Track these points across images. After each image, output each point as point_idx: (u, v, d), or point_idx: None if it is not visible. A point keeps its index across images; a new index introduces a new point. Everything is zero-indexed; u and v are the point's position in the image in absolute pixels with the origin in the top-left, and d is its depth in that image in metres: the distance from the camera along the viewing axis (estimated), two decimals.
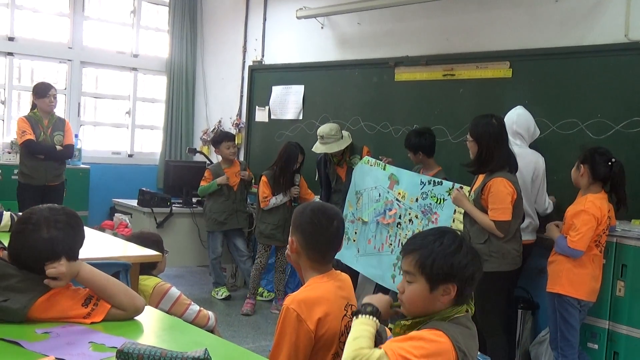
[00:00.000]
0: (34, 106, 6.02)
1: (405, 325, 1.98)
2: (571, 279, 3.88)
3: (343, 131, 5.66)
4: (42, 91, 5.96)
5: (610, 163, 3.87)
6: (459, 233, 2.02)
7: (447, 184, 4.54)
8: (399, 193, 4.85)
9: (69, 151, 6.15)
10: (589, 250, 3.87)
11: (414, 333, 1.90)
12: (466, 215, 4.12)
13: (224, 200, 6.26)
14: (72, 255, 2.23)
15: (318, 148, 5.60)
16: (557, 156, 4.54)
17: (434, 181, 4.63)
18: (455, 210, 4.43)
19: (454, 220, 4.46)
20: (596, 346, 4.09)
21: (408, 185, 4.81)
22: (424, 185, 4.67)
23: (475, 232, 4.02)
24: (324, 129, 5.56)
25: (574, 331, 3.92)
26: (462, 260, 1.92)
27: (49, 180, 5.99)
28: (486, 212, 3.95)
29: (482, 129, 4.01)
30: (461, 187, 4.36)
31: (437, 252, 1.93)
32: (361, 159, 5.35)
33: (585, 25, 4.64)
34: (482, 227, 3.97)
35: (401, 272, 2.05)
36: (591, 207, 3.84)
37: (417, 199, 4.71)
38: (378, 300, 2.05)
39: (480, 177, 4.08)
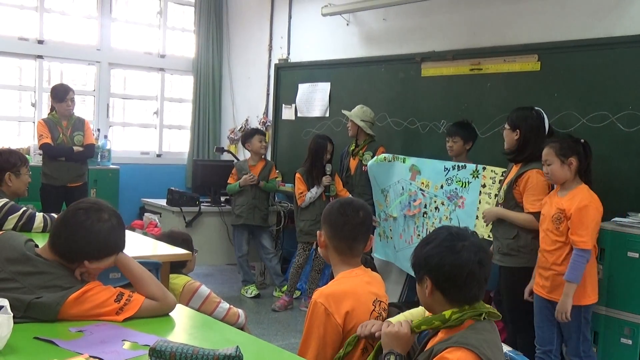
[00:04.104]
0: (52, 108, 6.03)
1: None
2: (593, 284, 3.69)
3: (374, 123, 5.74)
4: (60, 95, 5.93)
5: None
6: (452, 229, 2.04)
7: (471, 166, 4.57)
8: (422, 182, 4.86)
9: (89, 151, 6.12)
10: (594, 247, 3.64)
11: None
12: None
13: (243, 193, 6.27)
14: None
15: (345, 112, 5.80)
16: None
17: (458, 165, 4.65)
18: (480, 191, 4.44)
19: (480, 202, 4.46)
20: (630, 342, 4.01)
21: (431, 173, 4.82)
22: (448, 171, 4.68)
23: (505, 228, 3.99)
24: (364, 107, 5.75)
25: (589, 329, 3.79)
26: (429, 251, 1.99)
27: (71, 181, 5.98)
28: (517, 205, 3.93)
29: (521, 118, 3.99)
30: (484, 168, 4.41)
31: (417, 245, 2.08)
32: (373, 157, 5.39)
33: (614, 16, 4.56)
34: (510, 222, 3.94)
35: None
36: (595, 201, 3.60)
37: (442, 186, 4.72)
38: (396, 339, 2.05)
39: (514, 169, 4.05)
